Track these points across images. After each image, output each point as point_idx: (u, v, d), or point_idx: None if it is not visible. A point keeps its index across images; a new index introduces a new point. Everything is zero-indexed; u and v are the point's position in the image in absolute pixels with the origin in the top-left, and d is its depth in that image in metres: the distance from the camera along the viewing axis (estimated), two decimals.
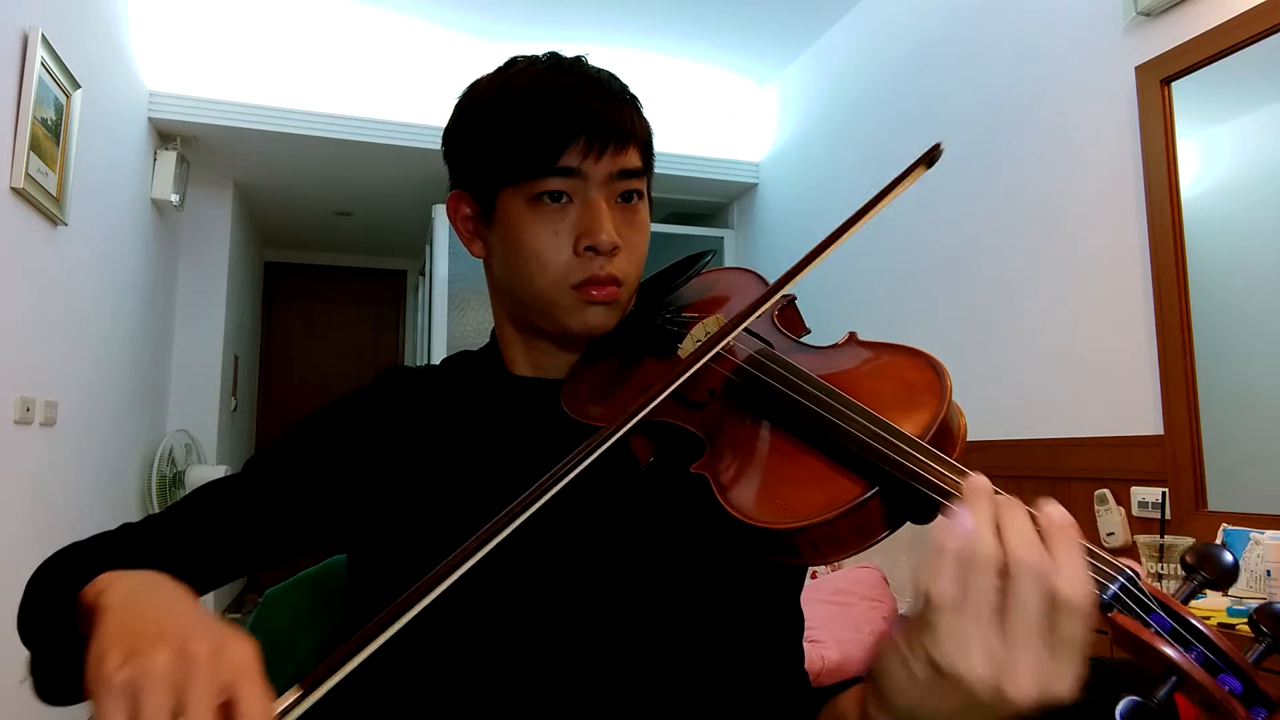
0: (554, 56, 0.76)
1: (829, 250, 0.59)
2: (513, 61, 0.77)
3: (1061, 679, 0.44)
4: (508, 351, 0.80)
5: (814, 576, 2.72)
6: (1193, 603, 0.43)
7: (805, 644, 2.35)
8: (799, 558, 0.52)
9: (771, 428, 0.59)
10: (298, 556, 0.80)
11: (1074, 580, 0.43)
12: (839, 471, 0.52)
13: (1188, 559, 0.46)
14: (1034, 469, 2.41)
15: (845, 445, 0.52)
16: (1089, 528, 2.15)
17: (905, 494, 0.49)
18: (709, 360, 0.62)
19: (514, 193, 0.72)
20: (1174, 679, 0.42)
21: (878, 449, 0.50)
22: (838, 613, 2.30)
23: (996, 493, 0.47)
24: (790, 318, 0.72)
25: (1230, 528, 1.76)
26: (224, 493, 0.75)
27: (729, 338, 0.61)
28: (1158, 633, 0.43)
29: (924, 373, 0.57)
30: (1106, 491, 2.13)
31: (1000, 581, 0.44)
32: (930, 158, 0.59)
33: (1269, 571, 1.58)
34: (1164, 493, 2.00)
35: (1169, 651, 0.42)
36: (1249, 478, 1.90)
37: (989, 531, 0.44)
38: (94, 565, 0.68)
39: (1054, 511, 0.45)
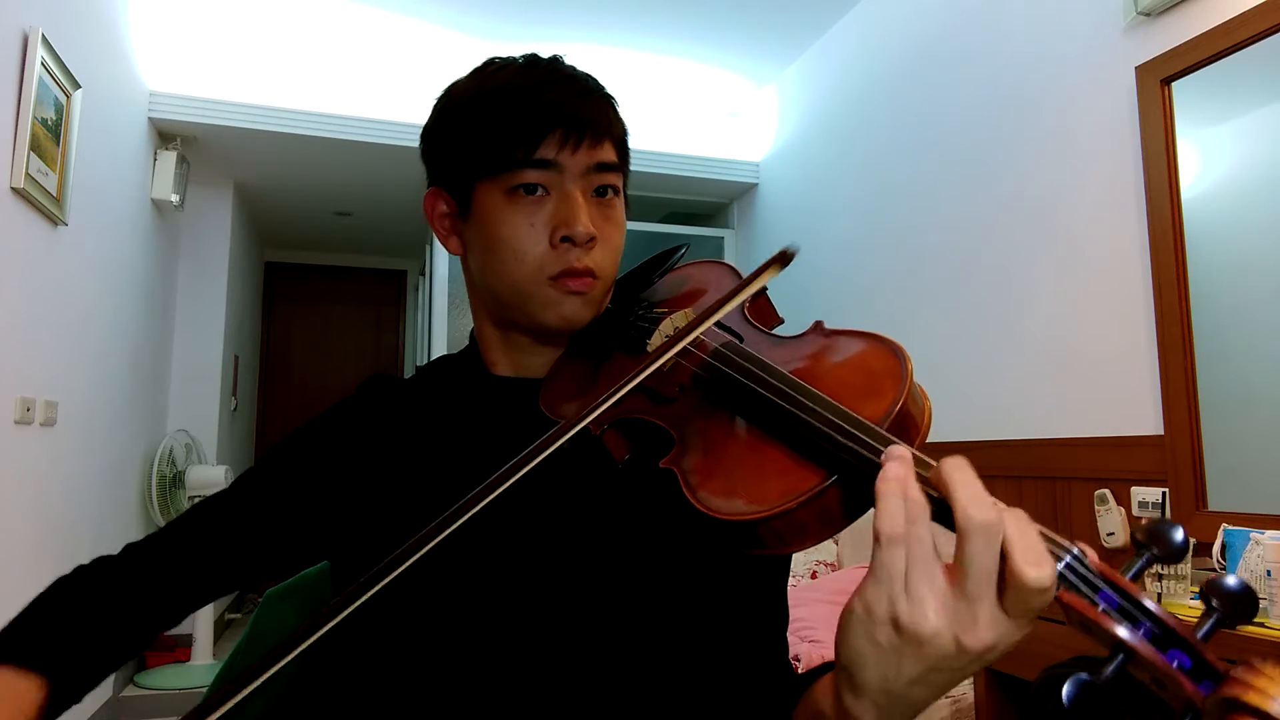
0: (531, 56, 0.77)
1: (694, 334, 0.60)
2: (490, 62, 0.78)
3: (1018, 631, 0.45)
4: (488, 352, 0.80)
5: (814, 576, 2.72)
6: None
7: (805, 644, 2.35)
8: (764, 548, 0.53)
9: (737, 421, 0.60)
10: (295, 569, 0.80)
11: (1032, 551, 0.43)
12: (799, 462, 0.53)
13: (1138, 536, 0.46)
14: (1034, 469, 2.41)
15: (804, 435, 0.53)
16: (1089, 528, 2.16)
17: (863, 482, 0.50)
18: (676, 356, 0.63)
19: (490, 186, 0.72)
20: (1122, 656, 0.41)
21: (834, 438, 0.51)
22: (838, 613, 2.30)
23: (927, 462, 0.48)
24: (762, 309, 0.72)
25: (1230, 528, 1.76)
26: (216, 511, 0.77)
27: (683, 344, 0.61)
28: (1105, 610, 0.43)
29: (885, 359, 0.57)
30: (1106, 491, 2.13)
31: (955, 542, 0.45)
32: (783, 259, 0.60)
33: (1269, 571, 1.58)
34: (1164, 493, 2.00)
35: (1117, 629, 0.42)
36: (1249, 478, 1.90)
37: (914, 486, 0.46)
38: (98, 598, 0.70)
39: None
